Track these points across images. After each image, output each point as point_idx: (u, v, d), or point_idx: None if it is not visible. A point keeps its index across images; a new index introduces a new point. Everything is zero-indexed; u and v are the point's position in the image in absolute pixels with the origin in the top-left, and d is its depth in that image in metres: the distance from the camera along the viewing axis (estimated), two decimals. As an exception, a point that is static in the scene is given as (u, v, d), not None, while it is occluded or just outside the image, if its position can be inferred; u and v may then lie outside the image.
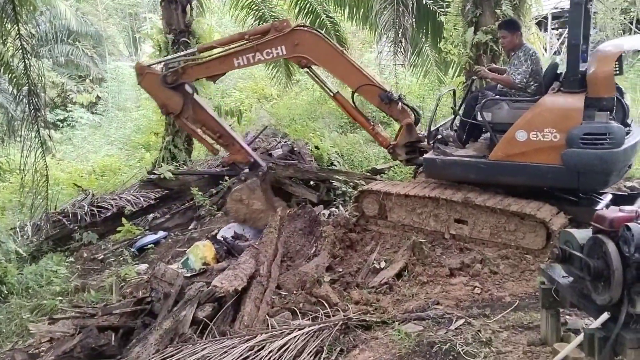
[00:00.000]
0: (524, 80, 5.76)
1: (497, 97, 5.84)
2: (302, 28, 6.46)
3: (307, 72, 6.80)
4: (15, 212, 10.43)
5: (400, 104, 6.41)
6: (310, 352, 4.09)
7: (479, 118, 5.81)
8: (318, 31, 6.70)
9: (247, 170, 6.88)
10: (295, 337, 4.25)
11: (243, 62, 6.47)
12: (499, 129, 5.69)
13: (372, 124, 6.90)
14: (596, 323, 2.94)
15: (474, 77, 6.75)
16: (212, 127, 6.78)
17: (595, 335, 2.90)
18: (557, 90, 5.49)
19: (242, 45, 6.44)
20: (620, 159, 5.24)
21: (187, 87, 6.74)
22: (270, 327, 4.79)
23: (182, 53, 8.47)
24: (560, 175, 5.35)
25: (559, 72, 5.79)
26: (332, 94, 6.75)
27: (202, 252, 6.30)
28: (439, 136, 6.25)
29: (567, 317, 4.01)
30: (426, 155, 6.00)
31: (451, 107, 6.96)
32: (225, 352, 4.17)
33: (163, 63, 6.96)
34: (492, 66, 6.60)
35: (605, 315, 2.90)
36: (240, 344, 4.25)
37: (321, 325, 4.45)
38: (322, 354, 4.13)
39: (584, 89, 5.26)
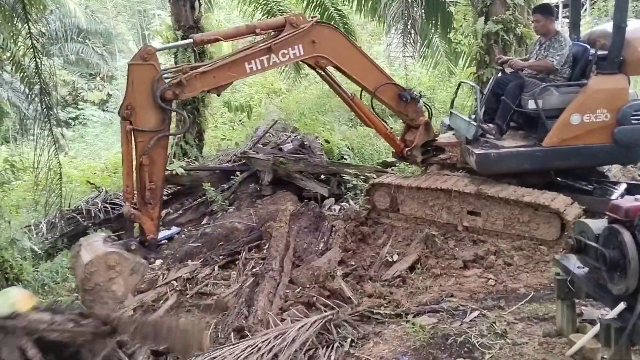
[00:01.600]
0: (561, 63, 5.82)
1: (545, 83, 5.80)
2: (319, 24, 5.68)
3: (321, 75, 6.06)
4: (29, 210, 10.51)
5: (421, 101, 6.21)
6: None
7: (530, 106, 5.78)
8: (335, 26, 6.15)
9: (137, 243, 4.89)
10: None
11: (256, 67, 5.37)
12: (549, 115, 5.72)
13: (389, 128, 6.69)
14: (612, 313, 2.92)
15: (499, 67, 6.65)
16: (153, 175, 4.89)
17: (611, 326, 2.88)
18: (596, 73, 5.67)
19: (253, 47, 5.40)
20: None
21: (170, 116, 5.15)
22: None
23: (178, 43, 8.04)
24: (611, 152, 5.69)
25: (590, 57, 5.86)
26: (349, 98, 6.16)
27: (14, 299, 4.42)
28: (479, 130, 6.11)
29: (583, 307, 4.00)
30: (478, 151, 5.80)
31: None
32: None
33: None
34: (503, 58, 6.56)
35: (621, 305, 2.88)
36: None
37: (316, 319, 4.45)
38: (334, 345, 4.15)
39: (619, 70, 5.57)
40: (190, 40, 5.54)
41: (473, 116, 6.30)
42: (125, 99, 4.88)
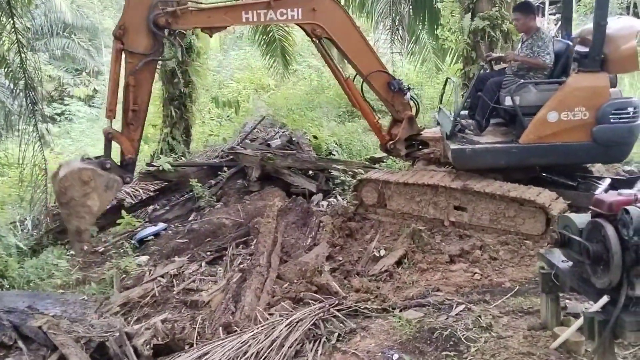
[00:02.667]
0: (552, 60, 5.83)
1: (523, 80, 5.82)
2: None
3: (316, 46, 6.16)
4: (14, 206, 10.40)
5: (408, 94, 6.28)
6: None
7: (507, 103, 5.80)
8: (339, 2, 6.22)
9: (112, 162, 5.28)
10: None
11: (252, 18, 5.59)
12: (526, 112, 5.72)
13: (377, 117, 6.76)
14: (596, 306, 2.95)
15: (483, 64, 6.70)
16: (137, 97, 5.25)
17: (595, 319, 2.91)
18: (577, 71, 5.66)
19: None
20: None
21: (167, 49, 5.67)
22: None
23: None
24: (590, 151, 5.64)
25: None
26: (343, 78, 6.27)
27: None
28: (457, 125, 6.14)
29: (567, 301, 4.03)
30: (453, 147, 5.89)
31: (468, 96, 6.87)
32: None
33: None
34: (492, 56, 6.62)
35: (604, 299, 2.91)
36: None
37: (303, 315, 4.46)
38: (321, 339, 4.16)
39: (601, 68, 5.51)
40: None
41: (463, 112, 6.37)
42: (120, 19, 5.15)
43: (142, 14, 5.11)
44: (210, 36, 6.12)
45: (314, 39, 5.96)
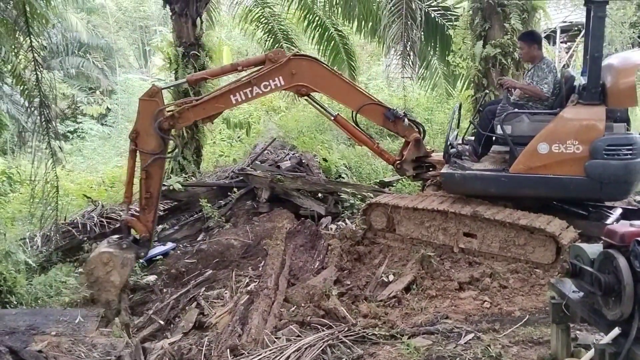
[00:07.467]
0: (550, 91, 5.81)
1: (516, 110, 5.81)
2: (297, 56, 6.30)
3: (306, 100, 6.58)
4: (25, 222, 10.44)
5: (406, 120, 6.39)
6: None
7: (498, 131, 5.79)
8: (313, 57, 6.59)
9: (129, 240, 6.07)
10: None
11: (241, 98, 6.12)
12: (518, 142, 5.68)
13: (376, 142, 6.85)
14: (607, 338, 2.92)
15: (487, 91, 6.73)
16: (149, 186, 6.06)
17: (606, 351, 2.88)
18: (576, 103, 5.54)
19: (237, 81, 6.16)
20: None
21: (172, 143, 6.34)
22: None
23: (174, 83, 8.85)
24: (583, 186, 5.43)
25: (575, 84, 5.82)
26: (332, 118, 6.53)
27: None
28: (454, 150, 6.21)
29: (578, 332, 4.00)
30: (444, 170, 5.93)
31: (470, 121, 6.98)
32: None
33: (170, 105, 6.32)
34: (503, 78, 6.63)
35: (616, 331, 2.88)
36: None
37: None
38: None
39: (601, 101, 5.36)
40: (185, 80, 6.55)
41: (471, 137, 6.38)
42: (134, 125, 6.03)
43: (150, 120, 5.91)
44: (212, 124, 6.95)
45: (302, 97, 6.41)
